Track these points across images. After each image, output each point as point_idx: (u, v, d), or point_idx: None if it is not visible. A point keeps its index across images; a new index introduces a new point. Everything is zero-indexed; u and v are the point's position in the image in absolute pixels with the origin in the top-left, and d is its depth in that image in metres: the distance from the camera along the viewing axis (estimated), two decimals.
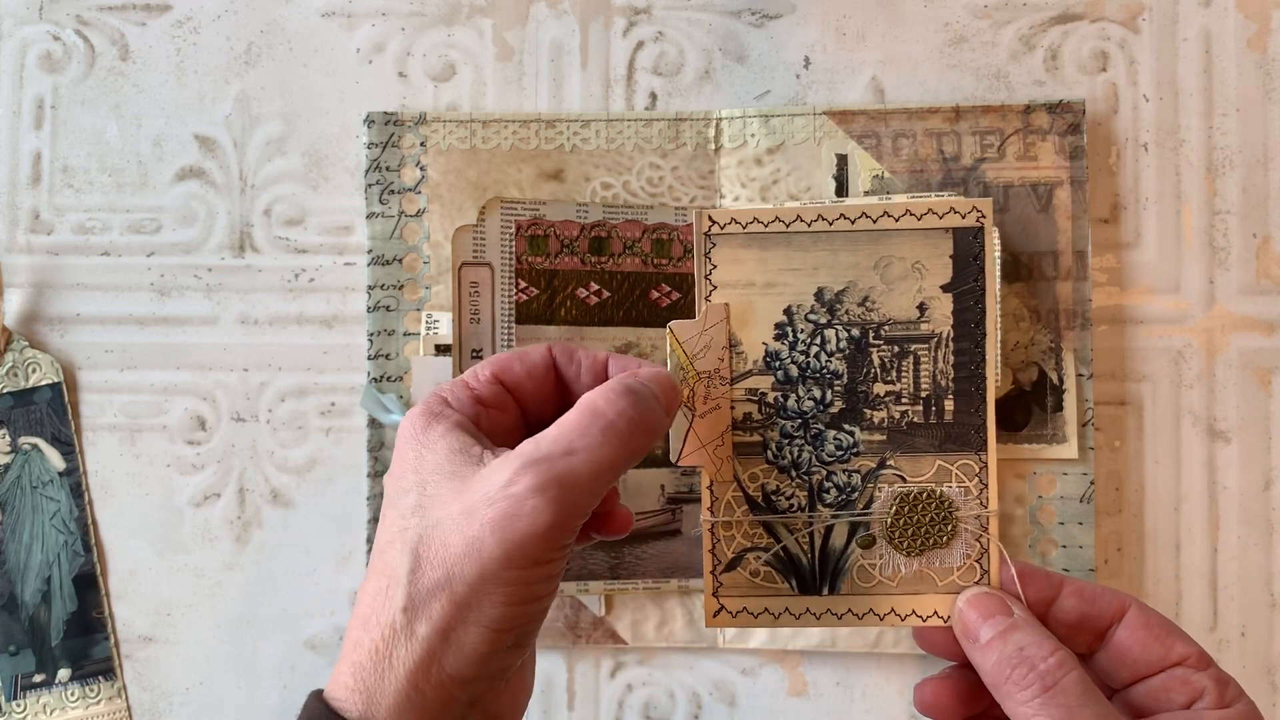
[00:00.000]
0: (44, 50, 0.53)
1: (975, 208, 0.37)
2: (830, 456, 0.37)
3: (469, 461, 0.32)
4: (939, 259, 0.37)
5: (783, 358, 0.37)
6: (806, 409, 0.37)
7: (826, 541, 0.37)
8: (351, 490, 0.51)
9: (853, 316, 0.37)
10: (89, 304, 0.52)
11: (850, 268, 0.37)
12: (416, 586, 0.31)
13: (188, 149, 0.52)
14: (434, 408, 0.34)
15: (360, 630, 0.32)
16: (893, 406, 0.37)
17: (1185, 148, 0.50)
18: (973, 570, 0.36)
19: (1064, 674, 0.31)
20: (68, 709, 0.51)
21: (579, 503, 0.31)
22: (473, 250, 0.50)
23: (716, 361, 0.37)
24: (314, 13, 0.52)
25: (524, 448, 0.31)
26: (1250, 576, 0.49)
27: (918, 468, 0.37)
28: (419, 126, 0.51)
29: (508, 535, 0.30)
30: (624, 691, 0.50)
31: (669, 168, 0.50)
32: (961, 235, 0.37)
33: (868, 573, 0.37)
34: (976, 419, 0.37)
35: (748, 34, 0.51)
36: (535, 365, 0.36)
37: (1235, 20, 0.50)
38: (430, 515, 0.31)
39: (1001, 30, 0.51)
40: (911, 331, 0.37)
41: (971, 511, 0.36)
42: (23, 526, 0.51)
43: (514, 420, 0.36)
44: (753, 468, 0.37)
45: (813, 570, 0.37)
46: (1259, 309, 0.50)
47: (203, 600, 0.51)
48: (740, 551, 0.37)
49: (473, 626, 0.31)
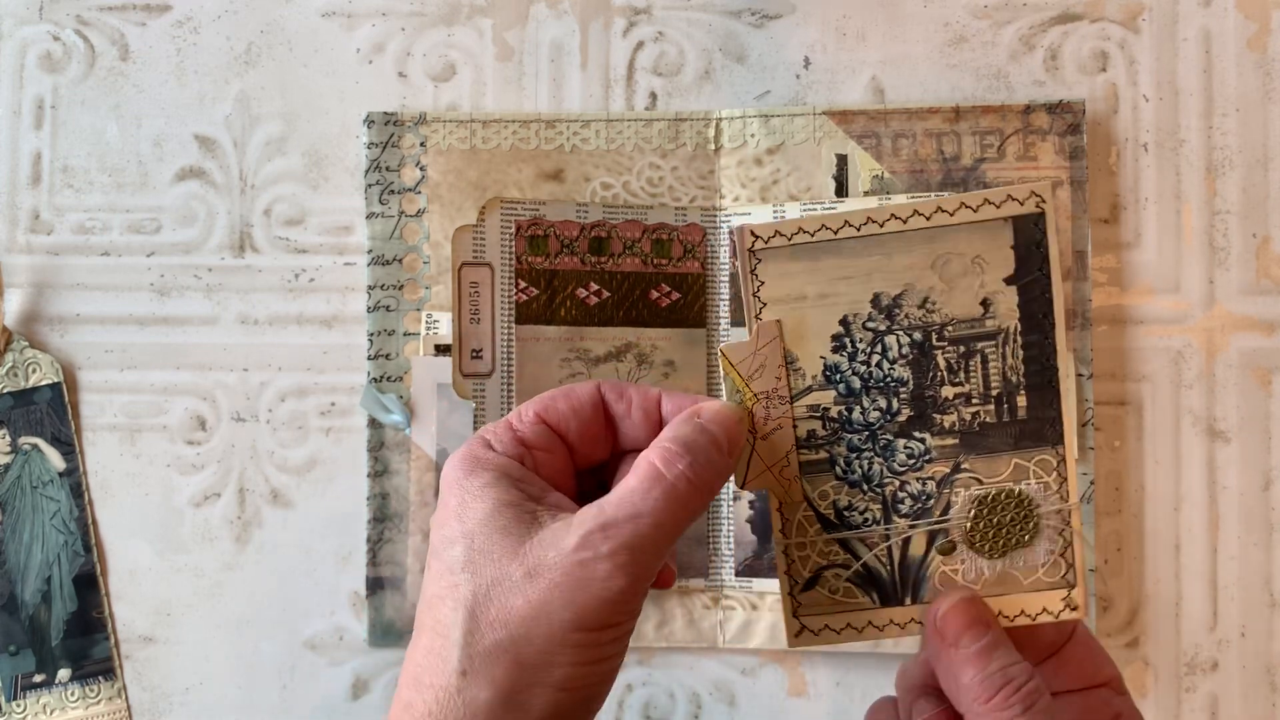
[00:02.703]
0: (44, 50, 0.53)
1: (1034, 193, 0.35)
2: (902, 466, 0.36)
3: (521, 517, 0.31)
4: (1000, 251, 0.35)
5: (843, 370, 0.36)
6: (873, 420, 0.36)
7: (905, 552, 0.36)
8: (351, 490, 0.51)
9: (913, 320, 0.36)
10: (89, 304, 0.52)
11: (906, 270, 0.36)
12: (474, 648, 0.30)
13: (188, 149, 0.52)
14: (477, 451, 0.33)
15: (411, 690, 0.31)
16: (963, 408, 0.36)
17: (1185, 148, 0.50)
18: (1057, 566, 0.35)
19: (1040, 696, 0.32)
20: (68, 709, 0.51)
21: (649, 565, 0.31)
22: (473, 250, 0.50)
23: (774, 381, 0.36)
24: (314, 13, 0.52)
25: (588, 512, 0.31)
26: (1250, 576, 0.49)
27: (994, 468, 0.36)
28: (419, 126, 0.51)
29: (579, 600, 0.30)
30: (624, 691, 0.50)
31: (669, 168, 0.50)
32: (1022, 224, 0.35)
33: (950, 578, 0.36)
34: (1051, 412, 0.35)
35: (748, 34, 0.51)
36: (582, 404, 0.35)
37: (1235, 20, 0.50)
38: (484, 573, 0.31)
39: (1001, 30, 0.51)
40: (977, 330, 0.36)
41: (1053, 507, 0.35)
42: (23, 526, 0.51)
43: (562, 462, 0.35)
44: (822, 485, 0.36)
45: (893, 582, 0.36)
46: (1259, 309, 0.50)
47: (203, 600, 0.51)
48: (817, 570, 0.36)
49: (540, 689, 0.30)
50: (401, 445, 0.50)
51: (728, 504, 0.50)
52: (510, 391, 0.49)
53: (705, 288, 0.50)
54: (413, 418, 0.50)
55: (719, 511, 0.50)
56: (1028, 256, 0.35)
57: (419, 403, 0.50)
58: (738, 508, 0.49)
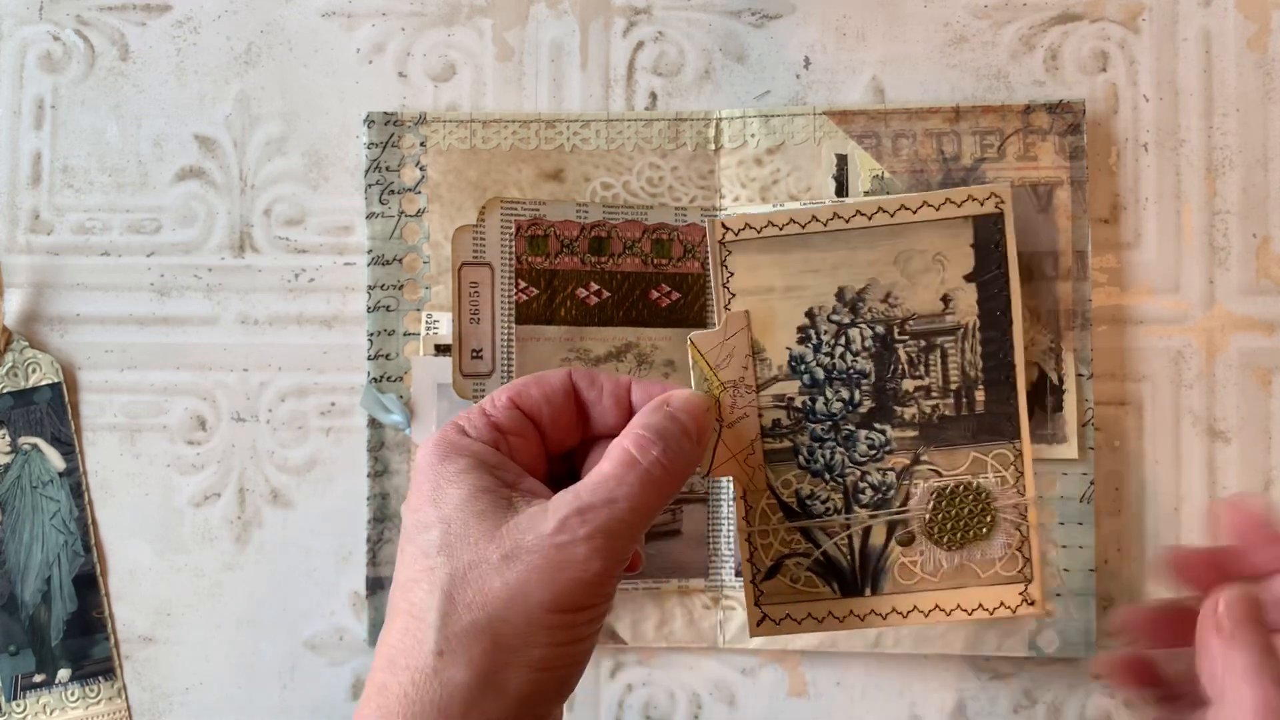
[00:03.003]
0: (44, 50, 0.53)
1: (994, 194, 0.36)
2: (863, 456, 0.37)
3: (497, 503, 0.32)
4: (960, 249, 0.36)
5: (808, 361, 0.37)
6: (836, 410, 0.37)
7: (865, 542, 0.37)
8: (351, 490, 0.51)
9: (876, 314, 0.37)
10: (89, 304, 0.52)
11: (870, 265, 0.37)
12: (451, 629, 0.30)
13: (188, 149, 0.52)
14: (451, 437, 0.34)
15: (386, 673, 0.31)
16: (923, 401, 0.36)
17: (1185, 148, 0.50)
18: (1014, 560, 0.36)
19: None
20: (68, 709, 0.51)
21: (624, 549, 0.32)
22: (473, 250, 0.50)
23: (741, 370, 0.37)
24: (314, 13, 0.52)
25: (564, 497, 0.32)
26: None
27: (953, 461, 0.36)
28: (419, 126, 0.51)
29: (558, 581, 0.30)
30: (624, 691, 0.50)
31: (669, 168, 0.50)
32: (982, 223, 0.36)
33: (909, 570, 0.36)
34: (1008, 408, 0.36)
35: (748, 34, 0.51)
36: (554, 390, 0.36)
37: (1235, 20, 0.50)
38: (460, 556, 0.31)
39: (1001, 30, 0.51)
40: (937, 324, 0.37)
41: (1009, 500, 0.36)
42: (23, 526, 0.51)
43: (535, 447, 0.35)
44: (785, 474, 0.37)
45: (854, 572, 0.37)
46: (1259, 309, 0.50)
47: (203, 600, 0.51)
48: (779, 558, 0.37)
49: (517, 668, 0.30)
50: (401, 445, 0.50)
51: (727, 504, 0.50)
52: None
53: (705, 288, 0.50)
54: (413, 418, 0.50)
55: (719, 512, 0.50)
56: (986, 255, 0.36)
57: (419, 403, 0.50)
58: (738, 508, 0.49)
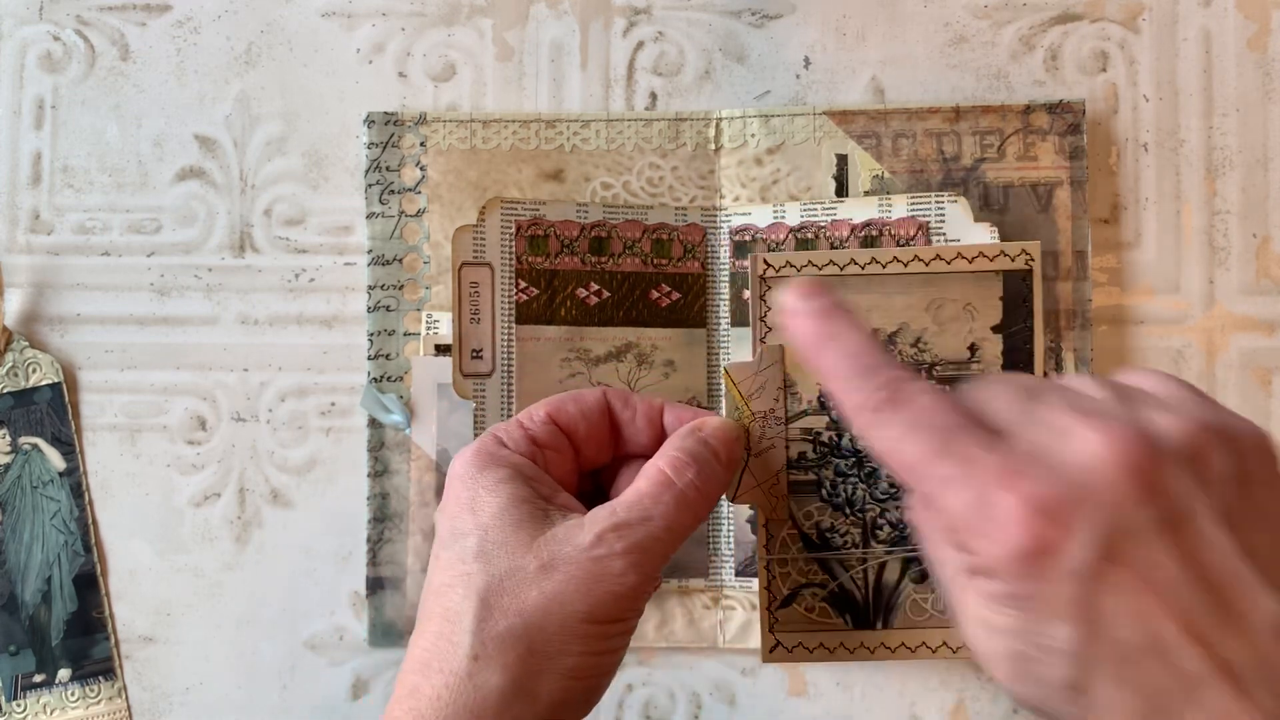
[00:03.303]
0: (44, 50, 0.53)
1: (1024, 251, 0.38)
2: (884, 494, 0.38)
3: (534, 514, 0.33)
4: (989, 301, 0.38)
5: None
6: (861, 448, 0.38)
7: (880, 577, 0.38)
8: (351, 490, 0.51)
9: (906, 356, 0.38)
10: (89, 304, 0.52)
11: (903, 309, 0.38)
12: (487, 634, 0.31)
13: (188, 149, 0.52)
14: (490, 448, 0.35)
15: (419, 675, 0.31)
16: None
17: (1185, 148, 0.50)
18: None
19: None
20: (68, 709, 0.51)
21: (657, 566, 0.33)
22: (473, 250, 0.50)
23: (772, 402, 0.38)
24: (314, 13, 0.52)
25: (600, 513, 0.32)
26: None
27: None
28: (419, 126, 0.51)
29: (593, 593, 0.31)
30: (624, 691, 0.50)
31: (669, 168, 0.50)
32: (1011, 278, 0.38)
33: (920, 607, 0.37)
34: None
35: (748, 34, 0.51)
36: (590, 408, 0.37)
37: (1235, 20, 0.50)
38: (497, 564, 0.32)
39: (1001, 30, 0.51)
40: (963, 371, 0.38)
41: None
42: (23, 526, 0.51)
43: (570, 463, 0.36)
44: (808, 505, 0.38)
45: (867, 605, 0.38)
46: (1259, 309, 0.50)
47: (203, 600, 0.51)
48: (795, 588, 0.38)
49: (550, 675, 0.31)
50: (401, 445, 0.50)
51: (727, 505, 0.50)
52: (510, 391, 0.49)
53: (705, 288, 0.50)
54: (413, 418, 0.50)
55: (719, 512, 0.50)
56: (1014, 308, 0.38)
57: (419, 403, 0.50)
58: (738, 509, 0.49)
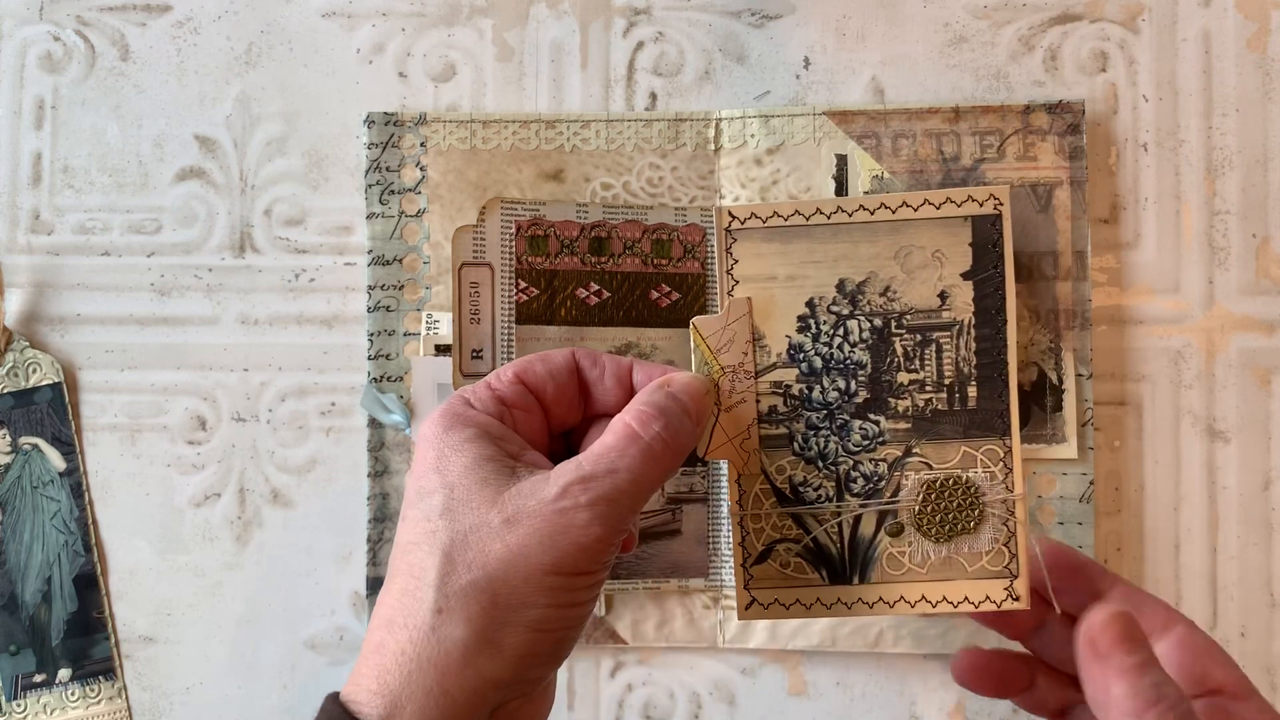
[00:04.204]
0: (44, 50, 0.53)
1: (992, 195, 0.37)
2: (856, 446, 0.38)
3: (500, 470, 0.32)
4: (958, 247, 0.37)
5: (806, 350, 0.38)
6: (831, 400, 0.38)
7: (855, 531, 0.37)
8: (351, 490, 0.51)
9: (875, 307, 0.38)
10: (89, 304, 0.52)
11: (871, 258, 0.38)
12: (450, 588, 0.31)
13: (188, 149, 0.52)
14: (456, 408, 0.34)
15: (384, 631, 0.31)
16: (917, 395, 0.37)
17: (1185, 148, 0.50)
18: (1000, 555, 0.36)
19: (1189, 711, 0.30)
20: (68, 709, 0.51)
21: (624, 518, 0.32)
22: (473, 250, 0.50)
23: (740, 356, 0.38)
24: (314, 13, 0.52)
25: (566, 467, 0.32)
26: (1250, 576, 0.49)
27: (943, 454, 0.37)
28: (419, 127, 0.51)
29: (558, 544, 0.31)
30: (624, 691, 0.51)
31: (669, 168, 0.50)
32: (980, 223, 0.37)
33: (897, 560, 0.37)
34: (1000, 404, 0.37)
35: (748, 34, 0.52)
36: (558, 368, 0.36)
37: (1235, 20, 0.50)
38: (462, 519, 0.32)
39: (1001, 30, 0.51)
40: (933, 320, 0.37)
41: (998, 496, 0.37)
42: (23, 526, 0.51)
43: (538, 422, 0.36)
44: (780, 460, 0.38)
45: (843, 560, 0.37)
46: (1259, 309, 0.50)
47: (203, 600, 0.51)
48: (770, 544, 0.38)
49: (514, 628, 0.31)
50: (401, 445, 0.50)
51: (727, 505, 0.50)
52: None
53: (705, 288, 0.50)
54: (413, 418, 0.50)
55: (719, 512, 0.50)
56: (984, 254, 0.37)
57: (419, 403, 0.50)
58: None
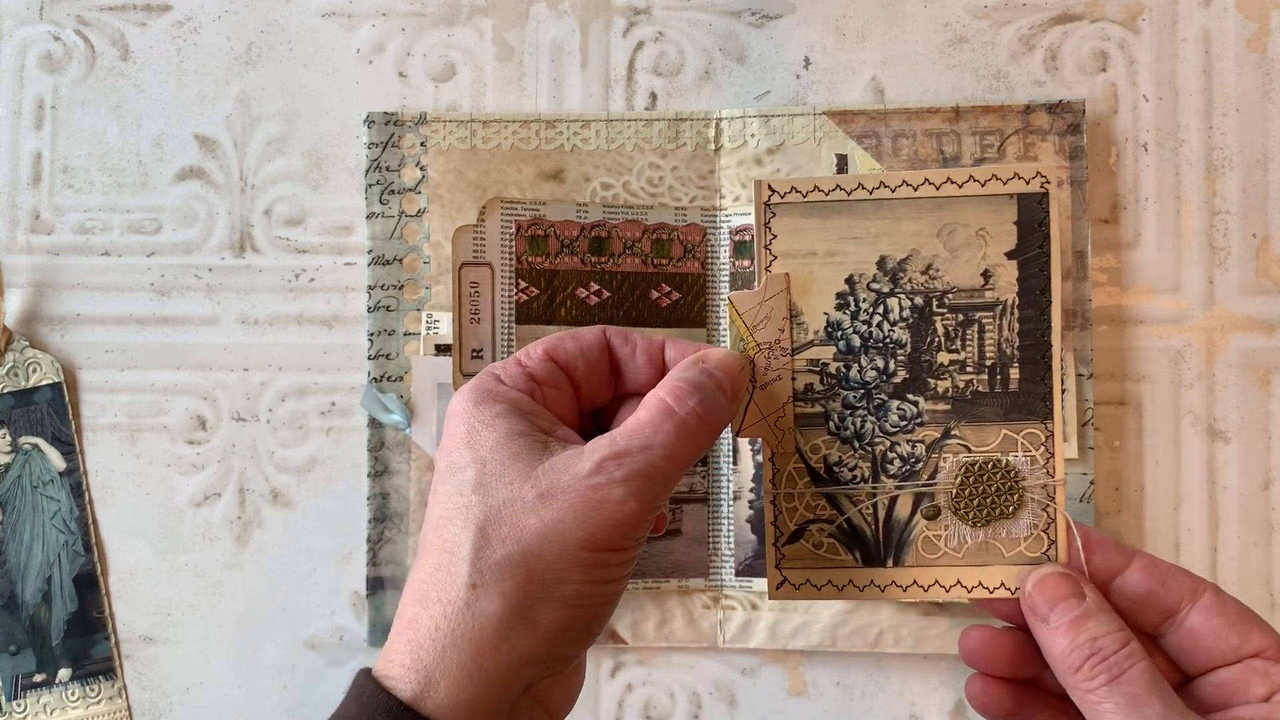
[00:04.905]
0: (44, 50, 0.53)
1: (1039, 173, 0.36)
2: (894, 427, 0.37)
3: (533, 445, 0.32)
4: (1003, 225, 0.36)
5: (844, 328, 0.37)
6: (869, 379, 0.37)
7: (890, 513, 0.36)
8: (351, 490, 0.51)
9: (916, 285, 0.37)
10: (89, 304, 0.52)
11: (913, 235, 0.36)
12: (484, 562, 0.30)
13: (188, 149, 0.52)
14: (487, 384, 0.34)
15: (417, 607, 0.31)
16: (957, 375, 0.36)
17: (1185, 148, 0.50)
18: (1040, 540, 0.36)
19: (1132, 664, 0.31)
20: (68, 709, 0.51)
21: (658, 494, 0.32)
22: (473, 250, 0.50)
23: (777, 332, 0.37)
24: (314, 13, 0.52)
25: (600, 442, 0.32)
26: (1250, 576, 0.49)
27: (983, 437, 0.36)
28: (419, 126, 0.51)
29: (592, 520, 0.31)
30: (624, 691, 0.50)
31: (669, 168, 0.50)
32: (1026, 201, 0.36)
33: (933, 544, 0.36)
34: (1042, 387, 0.36)
35: (748, 34, 0.51)
36: (589, 345, 0.36)
37: (1235, 20, 0.50)
38: (495, 494, 0.31)
39: (1001, 30, 0.51)
40: (976, 299, 0.36)
41: (1038, 481, 0.36)
42: (23, 526, 0.51)
43: (569, 400, 0.36)
44: (815, 439, 0.37)
45: (877, 542, 0.37)
46: (1259, 309, 0.50)
47: (203, 600, 0.51)
48: (803, 523, 0.37)
49: (549, 603, 0.31)
50: (401, 445, 0.50)
51: (727, 504, 0.50)
52: None
53: (705, 288, 0.50)
54: (413, 418, 0.50)
55: (719, 512, 0.50)
56: (1029, 233, 0.36)
57: (419, 403, 0.50)
58: (738, 508, 0.49)
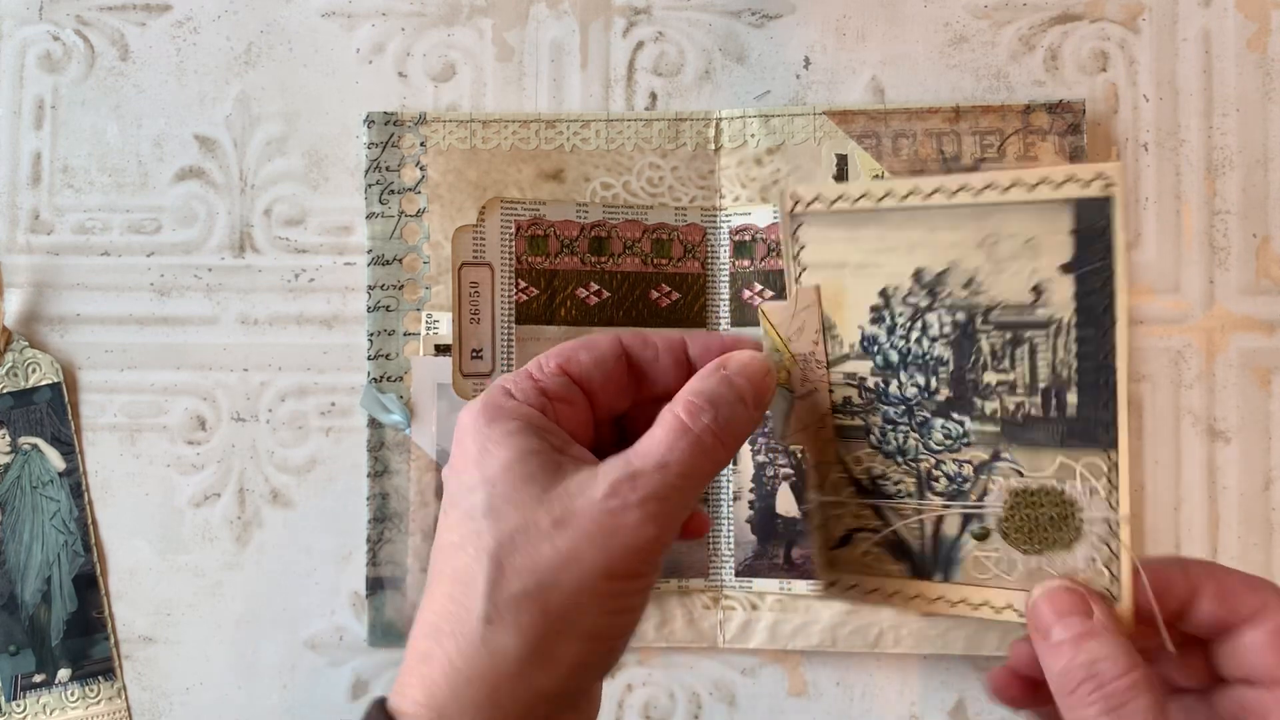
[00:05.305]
0: (44, 50, 0.53)
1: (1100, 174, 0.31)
2: (939, 445, 0.34)
3: (546, 465, 0.31)
4: (1057, 235, 0.32)
5: (881, 342, 0.34)
6: (910, 395, 0.34)
7: (939, 530, 0.35)
8: (351, 490, 0.51)
9: (957, 300, 0.33)
10: (89, 304, 0.52)
11: (951, 246, 0.33)
12: (500, 595, 0.29)
13: (188, 149, 0.52)
14: (498, 400, 0.32)
15: (430, 641, 0.30)
16: (1006, 397, 0.33)
17: (1185, 148, 0.50)
18: (1099, 574, 0.32)
19: (1133, 697, 0.29)
20: (68, 709, 0.51)
21: (676, 516, 0.31)
22: (473, 250, 0.50)
23: (811, 345, 0.35)
24: (314, 13, 0.52)
25: (614, 463, 0.31)
26: None
27: (1037, 463, 0.33)
28: (419, 126, 0.51)
29: (610, 547, 0.29)
30: (624, 691, 0.50)
31: (669, 168, 0.50)
32: (1085, 207, 0.31)
33: (983, 565, 0.34)
34: (1105, 414, 0.33)
35: (748, 34, 0.51)
36: (604, 356, 0.34)
37: (1235, 20, 0.50)
38: (507, 520, 0.30)
39: (1001, 30, 0.51)
40: (1026, 317, 0.33)
41: (1099, 514, 0.33)
42: (23, 526, 0.51)
43: (583, 414, 0.34)
44: (856, 451, 0.35)
45: (924, 556, 0.35)
46: (1259, 309, 0.50)
47: (203, 600, 0.51)
48: (849, 531, 0.35)
49: (567, 637, 0.29)
50: (401, 445, 0.50)
51: (727, 504, 0.50)
52: None
53: (705, 288, 0.50)
54: (413, 418, 0.50)
55: (719, 512, 0.50)
56: (1089, 244, 0.32)
57: (419, 403, 0.50)
58: (738, 508, 0.49)
